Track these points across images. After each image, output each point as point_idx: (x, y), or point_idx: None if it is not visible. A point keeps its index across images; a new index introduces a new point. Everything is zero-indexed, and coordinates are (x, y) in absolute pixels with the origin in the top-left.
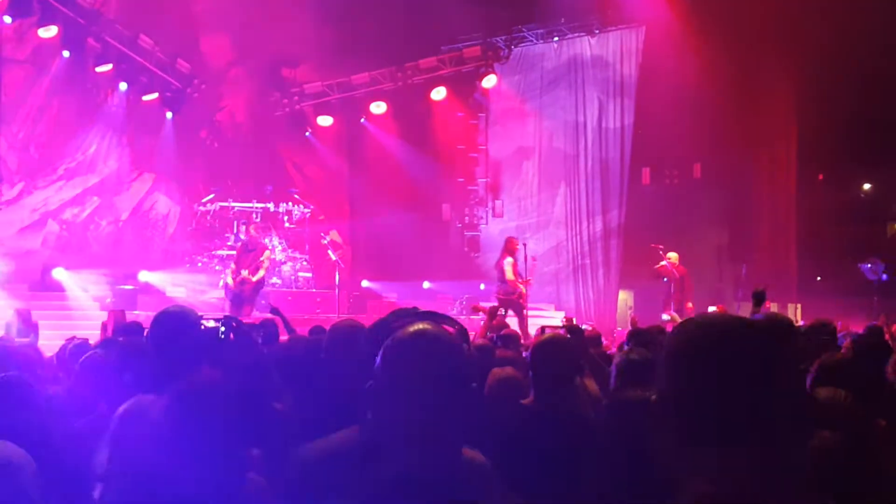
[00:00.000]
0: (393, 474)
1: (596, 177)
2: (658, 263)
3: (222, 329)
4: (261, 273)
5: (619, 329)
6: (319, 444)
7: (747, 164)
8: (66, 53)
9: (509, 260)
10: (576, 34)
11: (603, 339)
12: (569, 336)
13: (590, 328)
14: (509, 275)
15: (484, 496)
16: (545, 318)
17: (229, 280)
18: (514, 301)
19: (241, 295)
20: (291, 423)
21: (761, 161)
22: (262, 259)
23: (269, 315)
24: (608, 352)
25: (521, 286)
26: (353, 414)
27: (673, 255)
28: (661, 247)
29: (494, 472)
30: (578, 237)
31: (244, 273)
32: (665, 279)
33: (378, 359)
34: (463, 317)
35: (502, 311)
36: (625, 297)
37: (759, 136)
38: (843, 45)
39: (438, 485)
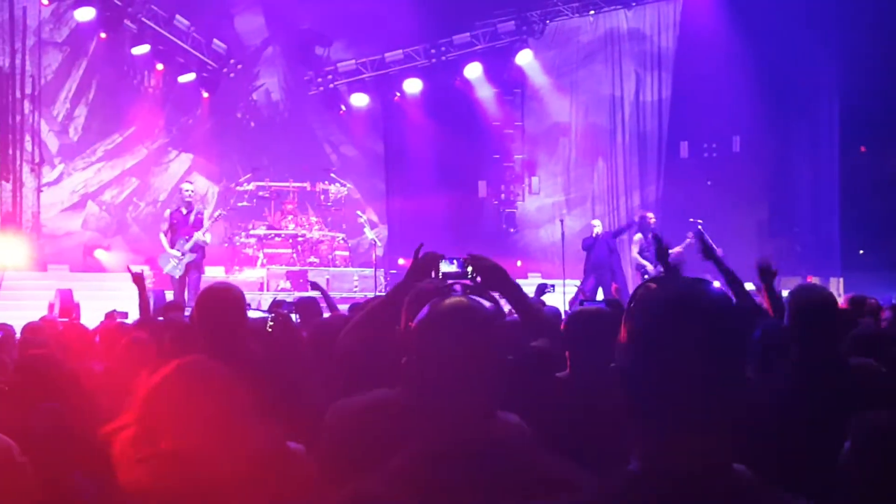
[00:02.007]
0: (428, 434)
1: (633, 151)
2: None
3: (270, 323)
4: (208, 235)
5: None
6: (357, 398)
7: (788, 136)
8: (102, 35)
9: (636, 237)
10: (612, 7)
11: None
12: (608, 310)
13: None
14: (633, 252)
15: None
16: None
17: (170, 249)
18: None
19: (189, 261)
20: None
21: (802, 133)
22: (204, 220)
23: (310, 292)
24: None
25: (646, 262)
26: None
27: (595, 223)
28: (699, 221)
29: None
30: (616, 212)
31: (197, 235)
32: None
33: (415, 328)
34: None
35: (552, 288)
36: None
37: (799, 107)
38: (886, 14)
39: (473, 445)
